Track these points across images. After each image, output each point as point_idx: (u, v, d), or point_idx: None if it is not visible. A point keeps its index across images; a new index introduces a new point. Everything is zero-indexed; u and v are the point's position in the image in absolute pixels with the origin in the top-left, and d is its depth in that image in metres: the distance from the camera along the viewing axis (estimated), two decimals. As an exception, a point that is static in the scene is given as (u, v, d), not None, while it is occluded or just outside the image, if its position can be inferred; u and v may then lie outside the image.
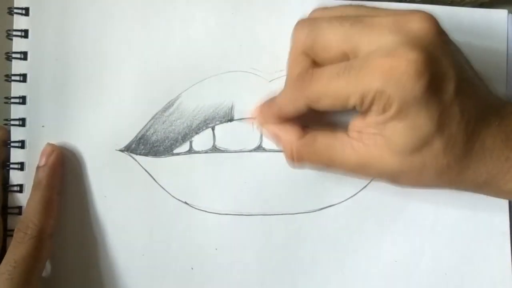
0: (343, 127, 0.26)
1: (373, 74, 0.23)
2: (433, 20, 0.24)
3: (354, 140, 0.25)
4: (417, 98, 0.23)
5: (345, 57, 0.25)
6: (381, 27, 0.24)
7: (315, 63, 0.26)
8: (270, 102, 0.28)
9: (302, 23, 0.26)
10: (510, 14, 0.32)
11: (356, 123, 0.26)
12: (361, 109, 0.24)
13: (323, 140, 0.26)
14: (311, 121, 0.27)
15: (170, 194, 0.30)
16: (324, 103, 0.25)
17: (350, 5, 0.27)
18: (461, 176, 0.25)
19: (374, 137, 0.25)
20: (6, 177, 0.30)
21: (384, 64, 0.23)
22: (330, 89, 0.24)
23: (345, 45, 0.24)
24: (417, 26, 0.23)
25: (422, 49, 0.23)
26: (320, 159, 0.27)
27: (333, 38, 0.24)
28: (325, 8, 0.27)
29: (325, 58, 0.25)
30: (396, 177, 0.26)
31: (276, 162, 0.31)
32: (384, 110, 0.23)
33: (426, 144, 0.24)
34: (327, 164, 0.26)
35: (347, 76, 0.24)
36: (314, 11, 0.27)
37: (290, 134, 0.27)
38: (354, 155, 0.25)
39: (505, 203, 0.31)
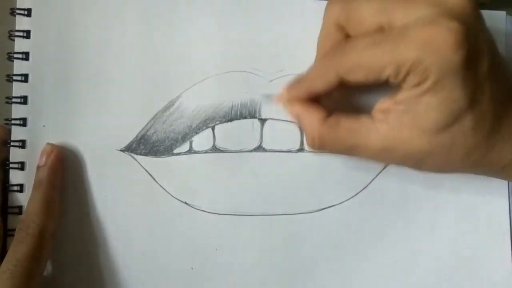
0: (367, 113, 0.26)
1: (411, 44, 0.22)
2: None
3: (379, 122, 0.25)
4: (455, 70, 0.22)
5: (379, 32, 0.24)
6: (417, 1, 0.23)
7: (347, 38, 0.25)
8: (298, 80, 0.28)
9: None
10: (508, 16, 0.32)
11: (382, 104, 0.25)
12: (395, 81, 0.24)
13: (347, 124, 0.26)
14: (336, 106, 0.27)
15: (170, 194, 0.30)
16: (357, 75, 0.24)
17: None
18: (486, 157, 0.25)
19: (402, 116, 0.24)
20: (6, 177, 0.30)
21: (422, 34, 0.22)
22: (364, 59, 0.24)
23: (380, 17, 0.24)
24: (453, 0, 0.23)
25: (461, 20, 0.22)
26: (343, 144, 0.26)
27: (368, 11, 0.24)
28: None
29: (359, 31, 0.25)
30: (422, 160, 0.25)
31: (276, 162, 0.31)
32: (419, 83, 0.23)
33: (457, 121, 0.24)
34: (350, 149, 0.26)
35: (383, 46, 0.23)
36: None
37: (313, 116, 0.26)
38: (379, 139, 0.25)
39: (505, 203, 0.31)
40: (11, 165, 0.30)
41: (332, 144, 0.26)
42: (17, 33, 0.30)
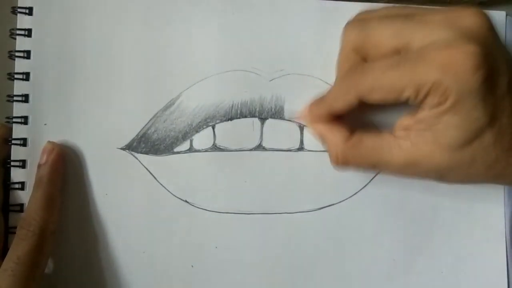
0: (389, 129, 0.26)
1: (430, 66, 0.23)
2: (484, 16, 0.24)
3: (401, 139, 0.25)
4: (473, 91, 0.23)
5: (396, 54, 0.25)
6: (434, 23, 0.24)
7: (365, 61, 0.26)
8: (319, 100, 0.28)
9: (353, 23, 0.27)
10: (508, 16, 0.32)
11: (403, 121, 0.26)
12: (415, 101, 0.24)
13: (369, 142, 0.26)
14: (357, 124, 0.27)
15: (170, 192, 0.31)
16: (377, 96, 0.25)
17: (396, 6, 0.27)
18: (508, 169, 0.25)
19: (423, 133, 0.25)
20: (8, 175, 0.30)
21: (441, 56, 0.23)
22: (383, 80, 0.24)
23: (397, 41, 0.24)
24: (470, 22, 0.24)
25: (478, 43, 0.23)
26: (366, 162, 0.26)
27: (385, 35, 0.25)
28: (371, 10, 0.27)
29: (376, 55, 0.25)
30: (444, 174, 0.26)
31: (276, 161, 0.31)
32: (439, 103, 0.23)
33: (477, 137, 0.24)
34: (373, 166, 0.26)
35: (402, 68, 0.24)
36: (360, 13, 0.27)
37: (336, 135, 0.27)
38: (401, 155, 0.25)
39: (501, 202, 0.32)
40: (12, 163, 0.30)
41: (355, 161, 0.27)
42: (18, 32, 0.30)
